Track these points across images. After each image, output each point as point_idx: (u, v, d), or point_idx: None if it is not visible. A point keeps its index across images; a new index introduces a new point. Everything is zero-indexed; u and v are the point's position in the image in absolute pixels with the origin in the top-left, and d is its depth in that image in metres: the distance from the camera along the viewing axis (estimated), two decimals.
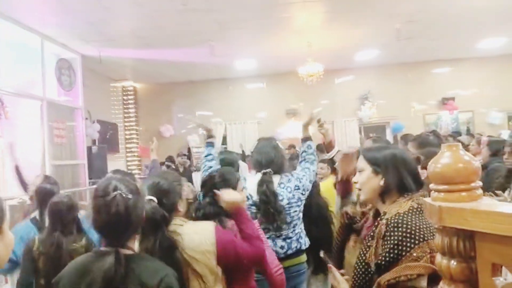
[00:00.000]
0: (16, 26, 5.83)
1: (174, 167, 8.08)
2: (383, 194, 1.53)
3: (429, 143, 2.80)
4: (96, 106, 8.45)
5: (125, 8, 5.66)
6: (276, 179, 2.55)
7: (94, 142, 8.13)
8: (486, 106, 9.82)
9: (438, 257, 0.76)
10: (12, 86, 5.90)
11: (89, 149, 7.60)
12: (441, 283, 0.76)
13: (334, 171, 3.66)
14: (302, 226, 2.62)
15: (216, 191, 1.96)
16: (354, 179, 1.63)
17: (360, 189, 1.60)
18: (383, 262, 1.34)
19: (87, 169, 7.27)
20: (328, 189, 3.28)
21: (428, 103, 10.09)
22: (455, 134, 7.76)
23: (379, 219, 1.50)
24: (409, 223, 1.35)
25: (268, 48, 7.99)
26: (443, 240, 0.74)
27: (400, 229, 1.34)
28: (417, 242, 1.31)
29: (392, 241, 1.34)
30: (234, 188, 2.01)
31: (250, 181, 2.51)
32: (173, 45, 7.37)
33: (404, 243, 1.32)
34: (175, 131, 10.38)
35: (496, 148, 3.90)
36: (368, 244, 1.45)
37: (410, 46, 8.40)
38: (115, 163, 8.96)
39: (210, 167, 2.67)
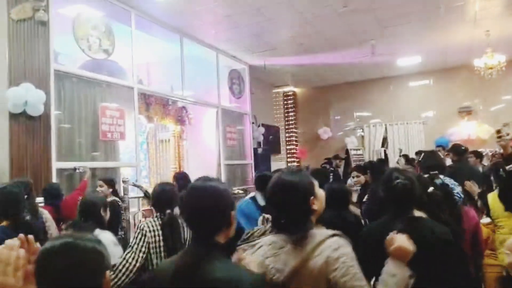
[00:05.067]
0: (196, 43, 6.76)
1: (332, 168, 8.11)
2: None
3: None
4: (261, 111, 9.12)
5: (287, 17, 5.96)
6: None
7: (259, 144, 8.79)
8: None
9: None
10: (194, 96, 6.85)
11: (255, 150, 8.26)
12: None
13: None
14: None
15: None
16: None
17: None
18: None
19: (253, 168, 7.93)
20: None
21: None
22: None
23: None
24: None
25: (435, 42, 7.32)
26: None
27: None
28: None
29: None
30: None
31: None
32: (332, 48, 7.42)
33: None
34: (333, 133, 10.41)
35: None
36: None
37: None
38: (277, 163, 9.51)
39: None
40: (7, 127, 3.90)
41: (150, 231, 2.41)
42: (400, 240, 1.55)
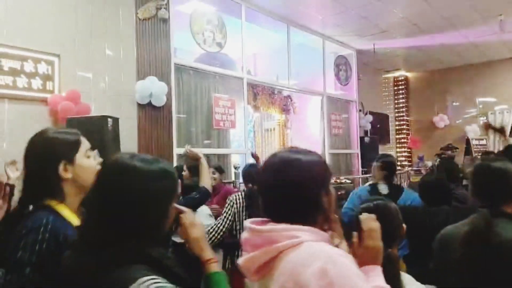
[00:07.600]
0: (302, 31, 6.73)
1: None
2: None
3: None
4: (368, 98, 8.74)
5: None
6: None
7: (366, 133, 8.46)
8: None
9: None
10: (299, 84, 6.85)
11: (362, 139, 7.98)
12: None
13: None
14: None
15: None
16: None
17: None
18: None
19: (360, 158, 7.67)
20: None
21: None
22: None
23: None
24: None
25: None
26: None
27: None
28: None
29: None
30: None
31: None
32: (450, 27, 6.76)
33: None
34: (450, 121, 9.52)
35: None
36: None
37: None
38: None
39: None
40: (136, 116, 4.38)
41: (236, 202, 2.97)
42: None
